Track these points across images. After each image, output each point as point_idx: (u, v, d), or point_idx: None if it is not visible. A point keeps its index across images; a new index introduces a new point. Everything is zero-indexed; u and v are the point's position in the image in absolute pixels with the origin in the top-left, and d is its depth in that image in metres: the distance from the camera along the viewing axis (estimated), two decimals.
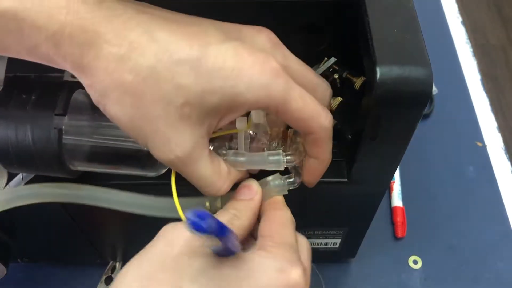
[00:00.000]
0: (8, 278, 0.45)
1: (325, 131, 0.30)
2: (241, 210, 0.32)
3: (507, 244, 0.60)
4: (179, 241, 0.28)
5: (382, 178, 0.39)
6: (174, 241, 0.29)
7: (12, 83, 0.33)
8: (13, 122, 0.31)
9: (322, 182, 0.35)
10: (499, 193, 0.64)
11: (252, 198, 0.33)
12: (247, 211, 0.32)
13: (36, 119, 0.32)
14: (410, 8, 0.32)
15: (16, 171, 0.35)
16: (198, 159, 0.29)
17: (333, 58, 0.37)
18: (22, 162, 0.33)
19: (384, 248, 0.59)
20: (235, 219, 0.31)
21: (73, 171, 0.35)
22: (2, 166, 0.34)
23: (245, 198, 0.33)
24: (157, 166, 0.35)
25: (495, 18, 1.84)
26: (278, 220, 0.32)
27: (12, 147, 0.32)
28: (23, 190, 0.34)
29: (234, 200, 0.33)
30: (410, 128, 0.32)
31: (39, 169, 0.34)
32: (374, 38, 0.30)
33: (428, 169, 0.65)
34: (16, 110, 0.32)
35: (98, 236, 0.49)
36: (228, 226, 0.25)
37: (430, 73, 0.29)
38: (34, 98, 0.32)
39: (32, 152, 0.32)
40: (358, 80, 0.35)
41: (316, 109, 0.29)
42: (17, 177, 0.36)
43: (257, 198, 0.33)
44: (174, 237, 0.29)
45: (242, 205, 0.33)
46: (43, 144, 0.32)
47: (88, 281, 0.55)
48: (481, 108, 0.73)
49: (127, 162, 0.35)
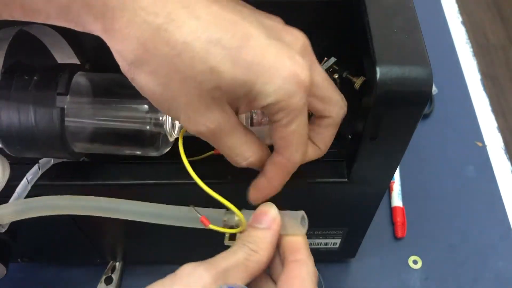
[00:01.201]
0: (8, 278, 0.45)
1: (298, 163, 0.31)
2: (259, 242, 0.31)
3: (507, 244, 0.60)
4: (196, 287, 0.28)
5: (382, 178, 0.39)
6: (191, 285, 0.28)
7: (14, 66, 0.33)
8: (15, 103, 0.31)
9: (322, 182, 0.35)
10: (499, 193, 0.64)
11: (270, 227, 0.31)
12: (265, 243, 0.31)
13: (38, 98, 0.32)
14: (410, 8, 0.32)
15: (19, 154, 0.34)
16: (229, 131, 0.29)
17: (333, 58, 0.37)
18: (25, 143, 0.33)
19: (384, 248, 0.59)
20: (253, 254, 0.30)
21: (76, 153, 0.35)
22: (5, 149, 0.33)
23: (262, 226, 0.31)
24: (159, 146, 0.35)
25: (495, 18, 1.84)
26: (300, 277, 0.30)
27: (15, 128, 0.32)
28: (36, 201, 0.34)
29: (251, 228, 0.32)
30: (410, 128, 0.32)
31: (42, 151, 0.34)
32: (374, 38, 0.30)
33: (428, 169, 0.65)
34: (18, 91, 0.32)
35: (98, 236, 0.49)
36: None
37: (430, 73, 0.29)
38: (36, 79, 0.32)
39: (34, 133, 0.32)
40: (358, 80, 0.35)
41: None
42: (34, 167, 0.36)
43: (275, 227, 0.31)
44: (191, 282, 0.28)
45: (260, 235, 0.31)
46: (46, 124, 0.32)
47: (88, 281, 0.55)
48: (481, 108, 0.73)
49: (130, 143, 0.35)
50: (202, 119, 0.27)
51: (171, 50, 0.25)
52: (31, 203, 0.34)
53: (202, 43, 0.25)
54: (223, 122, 0.28)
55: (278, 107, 0.27)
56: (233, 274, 0.29)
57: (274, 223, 0.31)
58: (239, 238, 0.32)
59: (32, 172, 0.36)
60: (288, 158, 0.30)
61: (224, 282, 0.28)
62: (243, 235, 0.32)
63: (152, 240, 0.50)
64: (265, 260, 0.31)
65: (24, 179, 0.36)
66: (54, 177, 0.37)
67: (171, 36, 0.24)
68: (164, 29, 0.24)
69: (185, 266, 0.29)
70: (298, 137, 0.29)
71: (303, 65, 0.27)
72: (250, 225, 0.32)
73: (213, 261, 0.29)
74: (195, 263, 0.29)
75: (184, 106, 0.27)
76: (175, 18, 0.24)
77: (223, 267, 0.29)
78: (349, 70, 0.37)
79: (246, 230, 0.32)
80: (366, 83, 0.33)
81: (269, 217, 0.32)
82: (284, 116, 0.27)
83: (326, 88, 0.31)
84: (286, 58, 0.26)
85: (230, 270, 0.29)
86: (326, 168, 0.38)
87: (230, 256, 0.30)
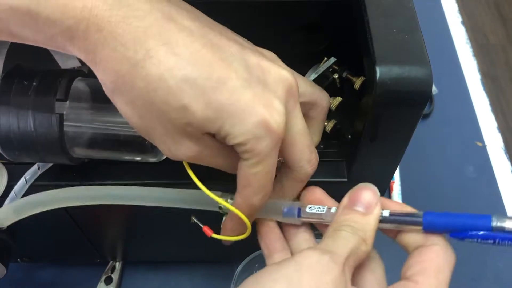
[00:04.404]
0: (8, 278, 0.45)
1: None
2: (366, 230, 0.28)
3: None
4: None
5: (382, 178, 0.39)
6: (321, 279, 0.26)
7: (13, 71, 0.33)
8: (14, 108, 0.32)
9: (322, 182, 0.35)
10: (499, 193, 0.64)
11: (372, 212, 0.29)
12: (371, 231, 0.28)
13: (38, 104, 0.32)
14: (410, 8, 0.32)
15: (17, 159, 0.34)
16: (211, 155, 0.29)
17: (333, 58, 0.37)
18: (24, 148, 0.33)
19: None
20: (363, 244, 0.28)
21: (75, 158, 0.35)
22: (4, 153, 0.34)
23: (362, 210, 0.29)
24: (158, 152, 0.35)
25: (495, 18, 1.84)
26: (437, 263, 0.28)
27: (14, 133, 0.32)
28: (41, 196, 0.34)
29: (354, 212, 0.29)
30: (410, 128, 0.32)
31: (41, 156, 0.34)
32: (374, 38, 0.30)
33: (428, 169, 0.65)
34: (17, 96, 0.32)
35: (98, 236, 0.49)
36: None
37: (430, 73, 0.29)
38: (35, 84, 0.32)
39: (33, 138, 0.32)
40: (358, 80, 0.35)
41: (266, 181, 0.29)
42: (33, 167, 0.36)
43: (378, 212, 0.29)
44: (320, 273, 0.26)
45: (365, 222, 0.28)
46: (45, 130, 0.32)
47: (88, 281, 0.55)
48: (481, 108, 0.73)
49: (128, 148, 0.35)
50: (181, 148, 0.28)
51: (147, 85, 0.25)
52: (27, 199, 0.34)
53: (177, 81, 0.25)
54: (202, 150, 0.28)
55: (245, 148, 0.27)
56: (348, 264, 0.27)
57: (377, 207, 0.29)
58: (340, 221, 0.29)
59: (30, 172, 0.36)
60: (245, 199, 0.30)
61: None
62: (346, 219, 0.29)
63: (152, 240, 0.50)
64: (369, 251, 0.29)
65: (22, 179, 0.36)
66: (53, 177, 0.37)
67: (148, 72, 0.25)
68: (141, 66, 0.25)
69: (309, 253, 0.27)
70: (260, 180, 0.29)
71: (279, 111, 0.27)
72: (349, 207, 0.29)
73: (333, 249, 0.27)
74: (317, 249, 0.27)
75: (161, 136, 0.27)
76: (153, 55, 0.25)
77: (344, 257, 0.27)
78: (349, 70, 0.37)
79: (345, 211, 0.29)
80: (366, 83, 0.33)
81: (370, 199, 0.29)
82: (250, 158, 0.27)
83: (301, 134, 0.30)
84: (260, 104, 0.26)
85: (348, 260, 0.27)
86: (326, 168, 0.38)
87: (345, 243, 0.27)
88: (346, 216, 0.29)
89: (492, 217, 0.27)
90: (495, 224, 0.27)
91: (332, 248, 0.27)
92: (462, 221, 0.27)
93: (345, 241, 0.28)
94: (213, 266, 0.56)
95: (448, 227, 0.28)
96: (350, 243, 0.27)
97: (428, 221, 0.28)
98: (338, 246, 0.27)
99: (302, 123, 0.30)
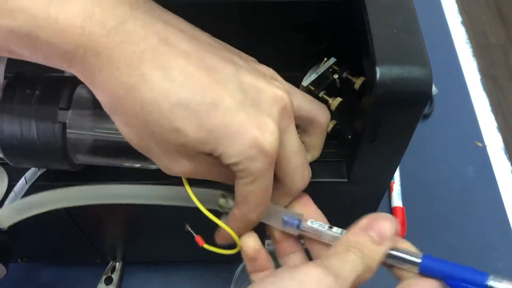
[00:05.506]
0: (8, 278, 0.45)
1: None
2: (374, 260, 0.28)
3: (507, 244, 0.60)
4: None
5: (382, 178, 0.39)
6: None
7: (15, 79, 0.33)
8: (17, 117, 0.32)
9: (322, 182, 0.35)
10: (499, 193, 0.64)
11: (384, 244, 0.29)
12: (377, 262, 0.29)
13: (40, 113, 0.32)
14: (410, 8, 0.32)
15: (20, 165, 0.35)
16: (208, 171, 0.30)
17: (333, 58, 0.37)
18: (27, 156, 0.33)
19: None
20: (367, 272, 0.28)
21: (77, 165, 0.35)
22: (7, 159, 0.34)
23: (375, 238, 0.29)
24: None
25: (495, 18, 1.84)
26: None
27: (17, 141, 0.32)
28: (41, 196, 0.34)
29: (367, 238, 0.29)
30: (410, 128, 0.32)
31: (44, 163, 0.34)
32: (374, 38, 0.30)
33: (428, 169, 0.65)
34: (20, 105, 0.32)
35: (98, 236, 0.49)
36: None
37: (430, 73, 0.29)
38: (38, 93, 0.32)
39: (36, 146, 0.32)
40: (358, 80, 0.35)
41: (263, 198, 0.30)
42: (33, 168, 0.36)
43: (388, 244, 0.29)
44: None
45: (375, 251, 0.29)
46: (47, 138, 0.32)
47: (88, 281, 0.55)
48: (481, 108, 0.73)
49: (130, 155, 0.36)
50: (177, 165, 0.28)
51: (141, 108, 0.26)
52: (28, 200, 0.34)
53: (171, 105, 0.26)
54: (198, 167, 0.29)
55: (239, 168, 0.27)
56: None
57: (388, 241, 0.29)
58: (352, 241, 0.29)
59: (30, 172, 0.36)
60: (243, 214, 0.30)
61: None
62: (357, 242, 0.29)
63: (152, 240, 0.50)
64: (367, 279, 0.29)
65: (22, 179, 0.36)
66: (53, 178, 0.37)
67: (143, 96, 0.26)
68: (136, 89, 0.26)
69: (312, 269, 0.27)
70: (256, 198, 0.29)
71: (272, 131, 0.27)
72: (364, 231, 0.29)
73: (340, 272, 0.27)
74: (319, 267, 0.27)
75: (158, 154, 0.28)
76: (148, 80, 0.25)
77: (350, 281, 0.27)
78: (349, 70, 0.37)
79: (359, 233, 0.29)
80: (366, 83, 0.33)
81: (388, 231, 0.29)
82: (245, 176, 0.28)
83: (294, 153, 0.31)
84: (253, 125, 0.27)
85: (352, 286, 0.27)
86: (326, 168, 0.38)
87: (353, 268, 0.28)
88: (359, 238, 0.29)
89: (488, 276, 0.27)
90: (490, 284, 0.27)
91: (339, 271, 0.27)
92: (458, 272, 0.28)
93: (354, 265, 0.28)
94: (213, 266, 0.56)
95: (444, 275, 0.28)
96: (358, 269, 0.28)
97: (426, 265, 0.29)
98: (345, 270, 0.27)
99: (296, 141, 0.30)
